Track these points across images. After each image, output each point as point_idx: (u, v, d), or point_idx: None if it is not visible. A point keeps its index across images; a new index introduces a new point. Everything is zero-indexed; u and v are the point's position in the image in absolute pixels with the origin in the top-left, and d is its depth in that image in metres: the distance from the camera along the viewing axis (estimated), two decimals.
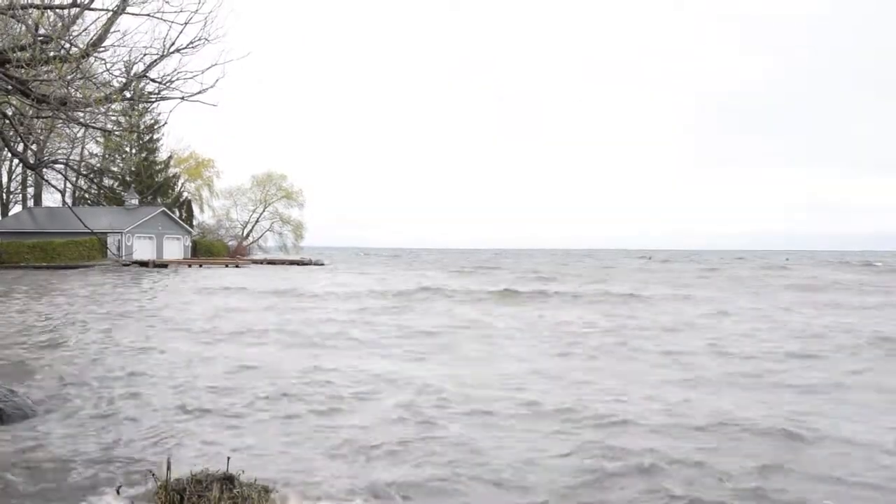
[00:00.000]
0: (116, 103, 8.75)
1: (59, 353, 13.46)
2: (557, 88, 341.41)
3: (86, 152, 65.09)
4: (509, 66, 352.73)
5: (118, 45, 8.15)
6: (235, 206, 76.02)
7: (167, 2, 7.79)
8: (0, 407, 8.25)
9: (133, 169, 66.77)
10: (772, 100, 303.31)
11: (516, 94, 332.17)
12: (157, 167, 69.02)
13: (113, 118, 9.96)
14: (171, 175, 70.44)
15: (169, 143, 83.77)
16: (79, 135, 47.83)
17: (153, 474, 5.33)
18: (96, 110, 8.56)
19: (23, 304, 22.90)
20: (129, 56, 8.24)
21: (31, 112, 8.74)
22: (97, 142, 62.08)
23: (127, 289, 30.80)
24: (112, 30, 7.97)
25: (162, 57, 8.13)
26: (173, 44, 8.08)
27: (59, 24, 7.78)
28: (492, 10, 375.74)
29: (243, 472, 5.56)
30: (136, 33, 8.13)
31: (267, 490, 5.53)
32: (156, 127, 61.72)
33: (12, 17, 7.54)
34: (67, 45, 7.74)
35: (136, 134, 60.91)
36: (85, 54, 7.68)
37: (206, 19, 8.03)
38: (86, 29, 8.26)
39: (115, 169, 69.16)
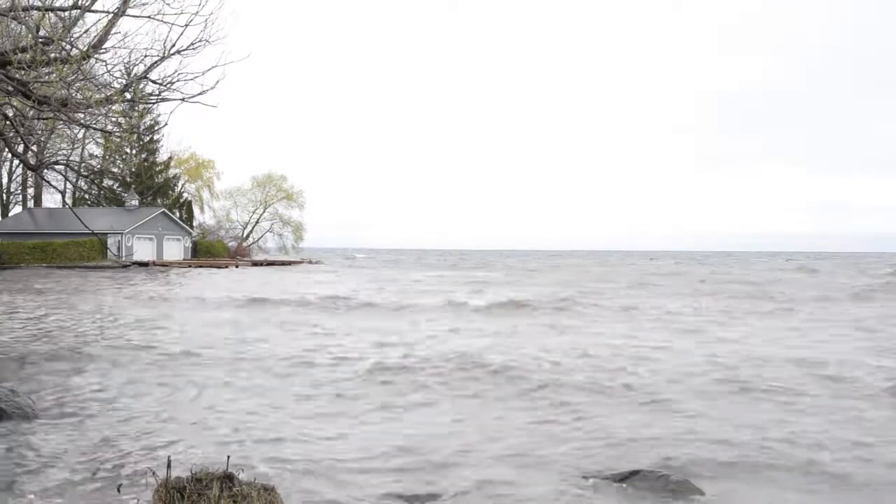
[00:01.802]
0: (117, 104, 8.80)
1: (57, 353, 13.49)
2: (557, 88, 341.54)
3: (86, 153, 65.16)
4: (509, 65, 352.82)
5: (119, 47, 8.20)
6: (235, 207, 76.15)
7: (168, 4, 7.83)
8: (1, 406, 8.29)
9: (133, 170, 66.81)
10: (772, 99, 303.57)
11: (516, 94, 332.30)
12: (158, 168, 69.05)
13: (113, 119, 9.99)
14: (171, 176, 70.47)
15: (169, 144, 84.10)
16: (79, 136, 47.79)
17: (153, 472, 5.37)
18: (97, 111, 8.60)
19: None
20: (130, 58, 8.29)
21: (31, 113, 8.78)
22: (97, 143, 62.09)
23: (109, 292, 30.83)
24: (113, 31, 8.02)
25: (162, 59, 8.17)
26: (174, 45, 8.12)
27: (60, 25, 7.83)
28: (491, 10, 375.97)
29: (243, 470, 5.60)
30: (137, 35, 8.18)
31: (267, 489, 5.56)
32: (156, 128, 61.71)
33: (13, 18, 7.58)
34: (68, 47, 7.78)
35: (136, 135, 60.88)
36: (86, 56, 7.72)
37: (207, 21, 8.08)
38: (86, 31, 8.30)
39: (116, 170, 69.16)
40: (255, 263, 63.65)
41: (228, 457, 5.73)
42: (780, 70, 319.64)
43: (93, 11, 8.07)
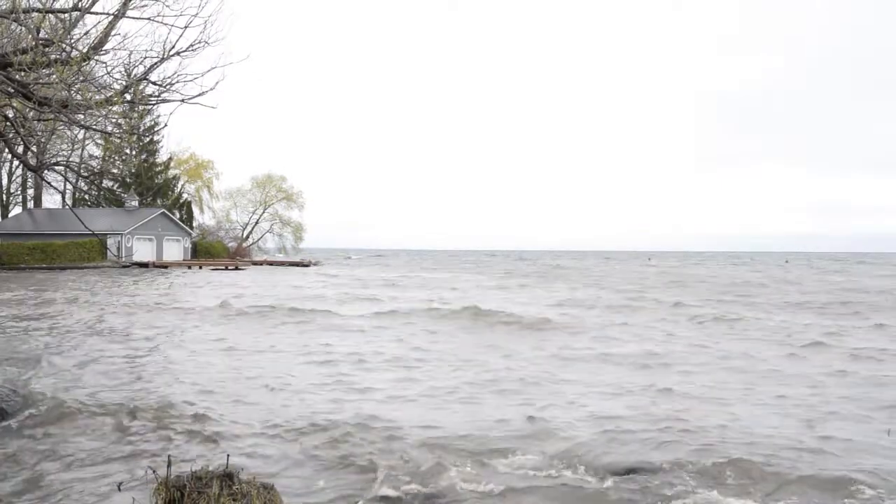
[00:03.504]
0: (117, 106, 8.83)
1: (58, 353, 13.52)
2: (557, 88, 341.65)
3: (86, 154, 65.20)
4: (508, 65, 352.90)
5: (119, 49, 8.22)
6: (235, 208, 76.24)
7: (167, 5, 7.86)
8: (2, 406, 8.33)
9: (133, 170, 66.87)
10: (772, 99, 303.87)
11: (515, 94, 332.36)
12: (157, 169, 69.12)
13: (113, 120, 10.01)
14: (170, 177, 70.53)
15: (169, 145, 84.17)
16: (79, 137, 47.87)
17: (154, 471, 5.41)
18: (97, 113, 8.62)
19: None
20: (130, 59, 8.30)
21: (32, 114, 8.81)
22: (97, 144, 62.18)
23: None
24: (112, 33, 8.04)
25: (162, 60, 8.20)
26: (173, 47, 8.15)
27: (60, 27, 7.86)
28: (491, 9, 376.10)
29: (242, 469, 5.64)
30: (137, 36, 8.19)
31: (266, 487, 5.60)
32: (156, 129, 61.84)
33: (14, 20, 7.62)
34: (68, 49, 7.81)
35: (135, 136, 60.92)
36: (86, 57, 7.75)
37: (206, 22, 8.09)
38: (87, 32, 8.34)
39: (115, 171, 69.21)
40: (255, 263, 63.79)
41: (228, 455, 5.77)
42: (779, 70, 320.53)
43: (93, 13, 8.10)
